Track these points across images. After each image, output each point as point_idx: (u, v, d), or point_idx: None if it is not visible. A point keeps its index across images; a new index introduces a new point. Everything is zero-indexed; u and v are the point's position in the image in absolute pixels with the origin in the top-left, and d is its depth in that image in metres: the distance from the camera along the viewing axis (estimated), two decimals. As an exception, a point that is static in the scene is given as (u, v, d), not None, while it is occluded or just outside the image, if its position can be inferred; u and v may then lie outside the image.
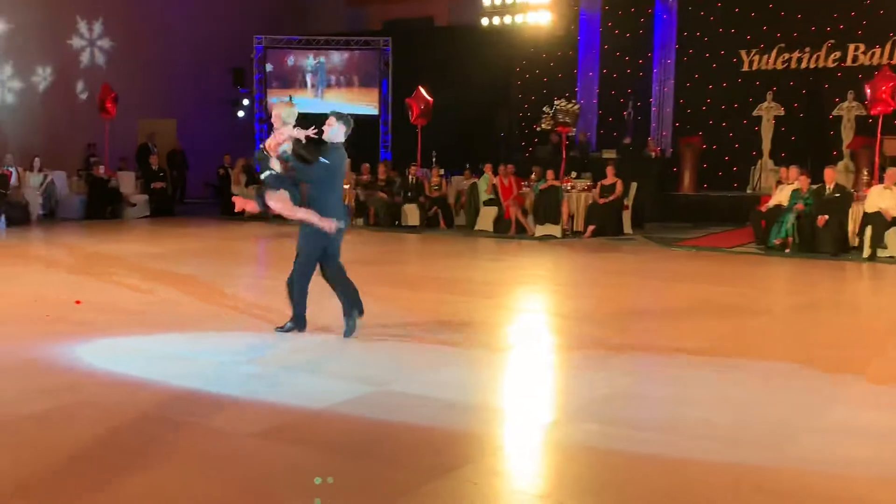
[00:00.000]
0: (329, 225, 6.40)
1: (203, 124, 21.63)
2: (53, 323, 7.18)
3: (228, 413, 4.93)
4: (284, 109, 6.84)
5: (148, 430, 4.59)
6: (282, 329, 6.79)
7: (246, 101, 22.57)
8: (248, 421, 4.75)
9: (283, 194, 6.65)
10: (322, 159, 6.54)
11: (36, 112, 18.88)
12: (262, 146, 6.86)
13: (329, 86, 22.38)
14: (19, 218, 15.48)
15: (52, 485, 3.87)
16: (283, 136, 6.60)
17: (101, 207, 17.10)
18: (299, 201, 6.68)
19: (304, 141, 6.65)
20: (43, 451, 4.25)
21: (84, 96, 19.42)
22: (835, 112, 17.58)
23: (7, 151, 17.11)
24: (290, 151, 6.60)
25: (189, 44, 21.22)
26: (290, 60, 22.40)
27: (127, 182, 18.04)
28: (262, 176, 6.72)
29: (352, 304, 6.71)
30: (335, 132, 6.66)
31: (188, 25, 21.18)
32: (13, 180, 16.14)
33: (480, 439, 4.55)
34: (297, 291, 6.70)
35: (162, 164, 19.11)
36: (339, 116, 6.77)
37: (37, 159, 16.97)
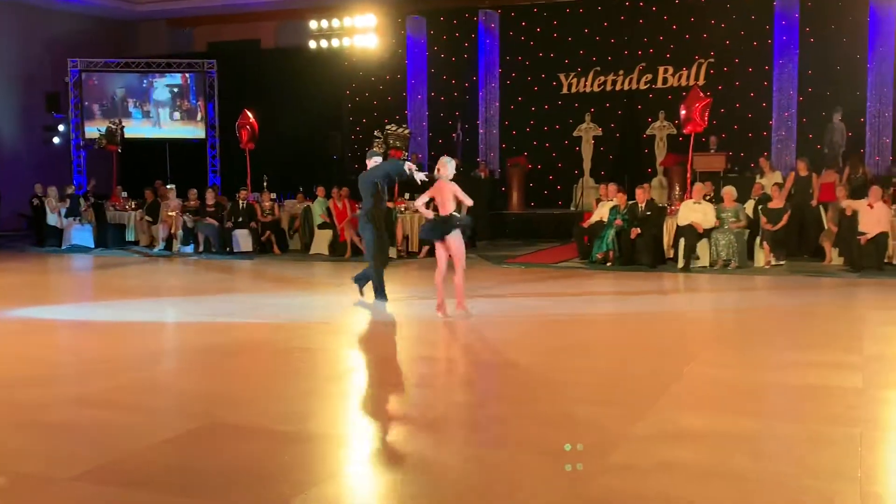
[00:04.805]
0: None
1: (15, 152, 20.42)
2: None
3: (44, 458, 4.66)
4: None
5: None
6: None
7: (62, 127, 21.47)
8: (67, 465, 4.50)
9: None
10: None
11: None
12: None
13: (150, 110, 21.66)
14: None
15: None
16: None
17: None
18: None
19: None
20: None
21: None
22: (648, 131, 18.65)
23: None
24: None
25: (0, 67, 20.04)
26: (111, 84, 21.55)
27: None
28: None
29: None
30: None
31: (-2, 47, 20.00)
32: None
33: (316, 466, 4.51)
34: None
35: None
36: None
37: None
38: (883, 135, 17.33)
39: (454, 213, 8.64)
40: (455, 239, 8.57)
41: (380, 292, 9.70)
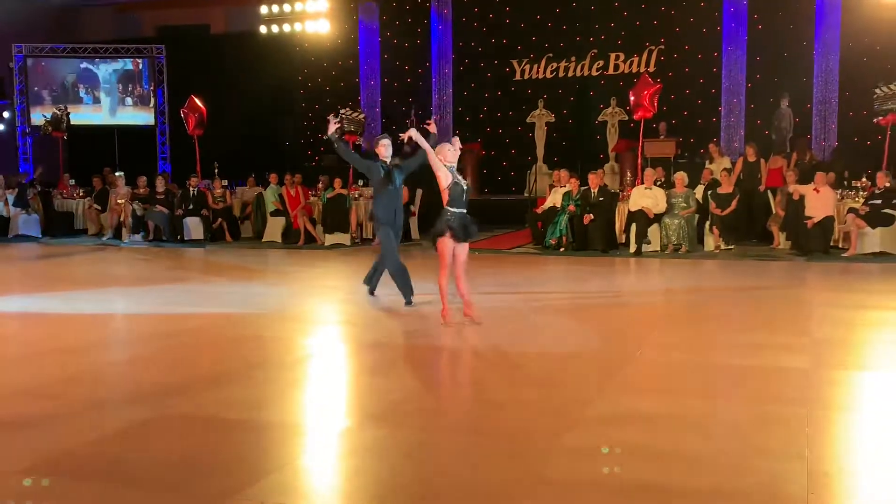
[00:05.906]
0: None
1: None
2: None
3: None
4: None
5: None
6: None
7: (7, 114, 20.97)
8: (14, 457, 4.42)
9: None
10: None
11: None
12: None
13: (101, 96, 21.27)
14: None
15: None
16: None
17: None
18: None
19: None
20: None
21: None
22: (600, 118, 18.78)
23: None
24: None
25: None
26: (62, 70, 21.10)
27: None
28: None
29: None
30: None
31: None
32: None
33: (271, 455, 4.49)
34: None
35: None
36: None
37: None
38: (829, 121, 17.66)
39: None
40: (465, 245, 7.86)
41: (372, 281, 9.38)
